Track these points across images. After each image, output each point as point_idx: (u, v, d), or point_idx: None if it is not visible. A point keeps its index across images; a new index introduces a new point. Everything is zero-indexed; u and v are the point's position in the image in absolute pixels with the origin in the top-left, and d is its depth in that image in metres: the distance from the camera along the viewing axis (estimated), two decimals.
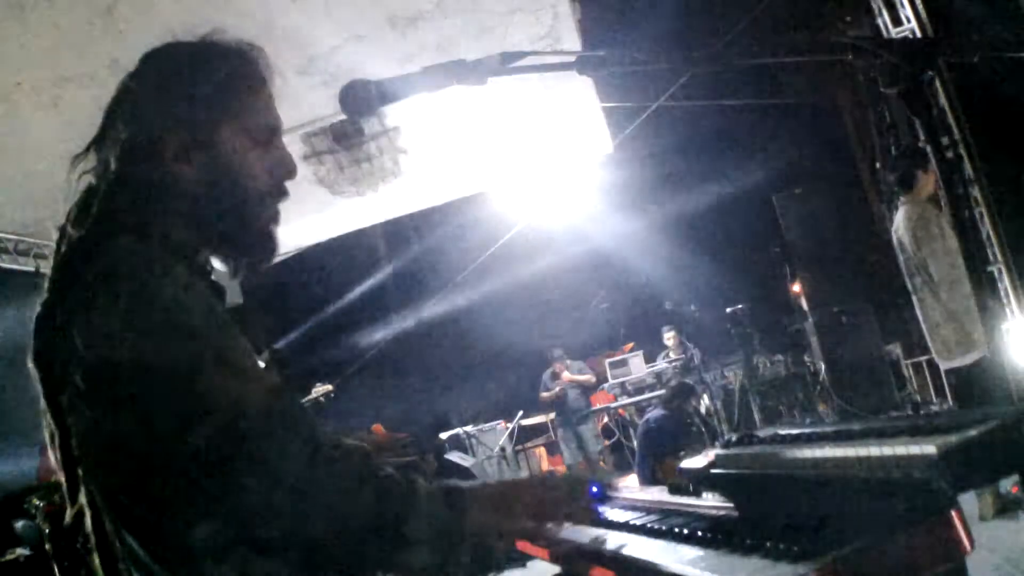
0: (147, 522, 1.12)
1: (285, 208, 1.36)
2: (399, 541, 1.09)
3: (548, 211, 8.48)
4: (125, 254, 1.15)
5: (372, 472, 1.11)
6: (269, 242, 1.33)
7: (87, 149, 1.30)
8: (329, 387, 5.52)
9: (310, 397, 5.38)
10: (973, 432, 0.86)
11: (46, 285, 1.21)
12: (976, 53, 1.04)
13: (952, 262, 4.45)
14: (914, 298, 4.81)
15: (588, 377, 9.91)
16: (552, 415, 10.31)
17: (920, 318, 4.80)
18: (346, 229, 7.13)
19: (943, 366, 4.77)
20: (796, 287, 9.72)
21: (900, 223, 4.77)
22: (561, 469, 10.14)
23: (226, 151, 1.27)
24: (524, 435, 10.51)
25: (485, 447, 9.82)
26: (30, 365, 1.21)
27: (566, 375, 9.82)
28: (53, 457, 1.21)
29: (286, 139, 1.38)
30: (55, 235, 1.27)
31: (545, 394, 9.91)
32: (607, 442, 10.36)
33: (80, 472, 1.17)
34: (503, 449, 9.73)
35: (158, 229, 1.21)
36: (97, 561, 1.16)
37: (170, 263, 1.16)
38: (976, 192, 5.22)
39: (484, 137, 5.88)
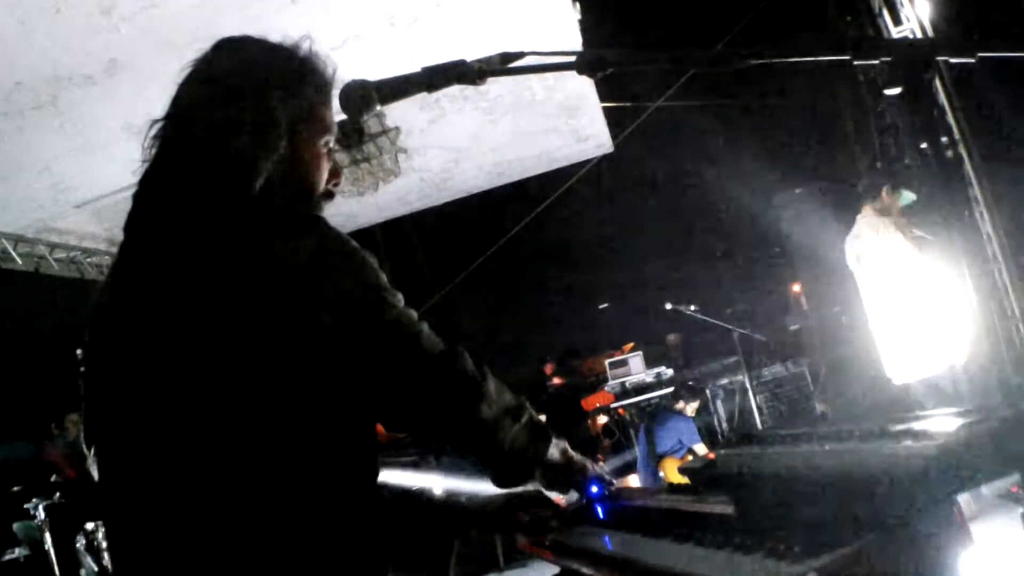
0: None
1: None
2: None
3: (548, 211, 8.48)
4: (282, 210, 1.27)
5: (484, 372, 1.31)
6: None
7: (164, 118, 1.33)
8: None
9: None
10: (973, 432, 0.86)
11: (158, 248, 1.24)
12: (976, 53, 1.04)
13: (912, 277, 4.45)
14: (869, 313, 4.80)
15: None
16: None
17: (874, 333, 4.77)
18: (347, 229, 7.13)
19: (898, 381, 4.73)
20: (796, 287, 9.71)
21: (860, 234, 4.76)
22: None
23: (303, 151, 1.34)
24: None
25: None
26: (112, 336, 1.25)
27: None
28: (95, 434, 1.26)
29: None
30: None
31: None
32: (607, 442, 10.35)
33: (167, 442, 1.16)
34: None
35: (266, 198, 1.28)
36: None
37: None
38: (976, 192, 5.22)
39: (485, 136, 5.88)
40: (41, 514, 4.37)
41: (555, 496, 1.48)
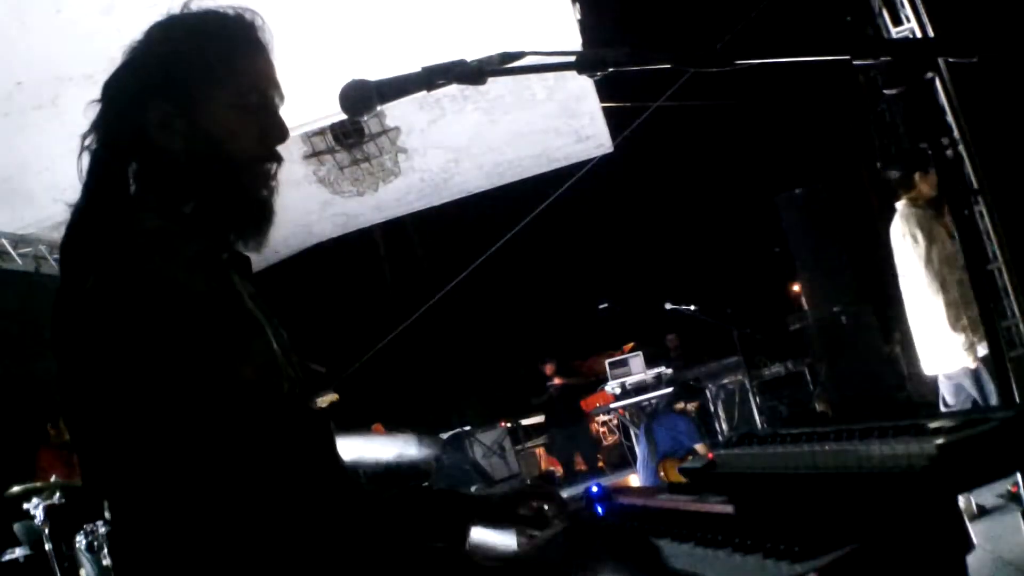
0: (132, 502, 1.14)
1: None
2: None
3: (548, 211, 8.48)
4: (129, 232, 1.17)
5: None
6: (262, 209, 1.30)
7: (92, 128, 1.30)
8: (334, 396, 5.52)
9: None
10: (973, 432, 0.86)
11: (61, 266, 1.23)
12: (976, 53, 1.04)
13: (945, 268, 4.40)
14: (905, 302, 4.76)
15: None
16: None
17: (910, 323, 4.74)
18: (347, 228, 7.12)
19: (928, 372, 4.70)
20: (796, 287, 9.71)
21: (896, 222, 4.73)
22: (559, 469, 10.17)
23: (208, 118, 1.24)
24: (524, 435, 10.53)
25: (484, 447, 9.83)
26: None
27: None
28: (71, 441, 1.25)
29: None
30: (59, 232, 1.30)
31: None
32: (607, 442, 10.36)
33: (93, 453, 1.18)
34: (502, 448, 9.73)
35: (157, 202, 1.23)
36: (107, 553, 1.20)
37: (178, 241, 1.18)
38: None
39: (485, 136, 5.88)
40: (41, 514, 4.36)
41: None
